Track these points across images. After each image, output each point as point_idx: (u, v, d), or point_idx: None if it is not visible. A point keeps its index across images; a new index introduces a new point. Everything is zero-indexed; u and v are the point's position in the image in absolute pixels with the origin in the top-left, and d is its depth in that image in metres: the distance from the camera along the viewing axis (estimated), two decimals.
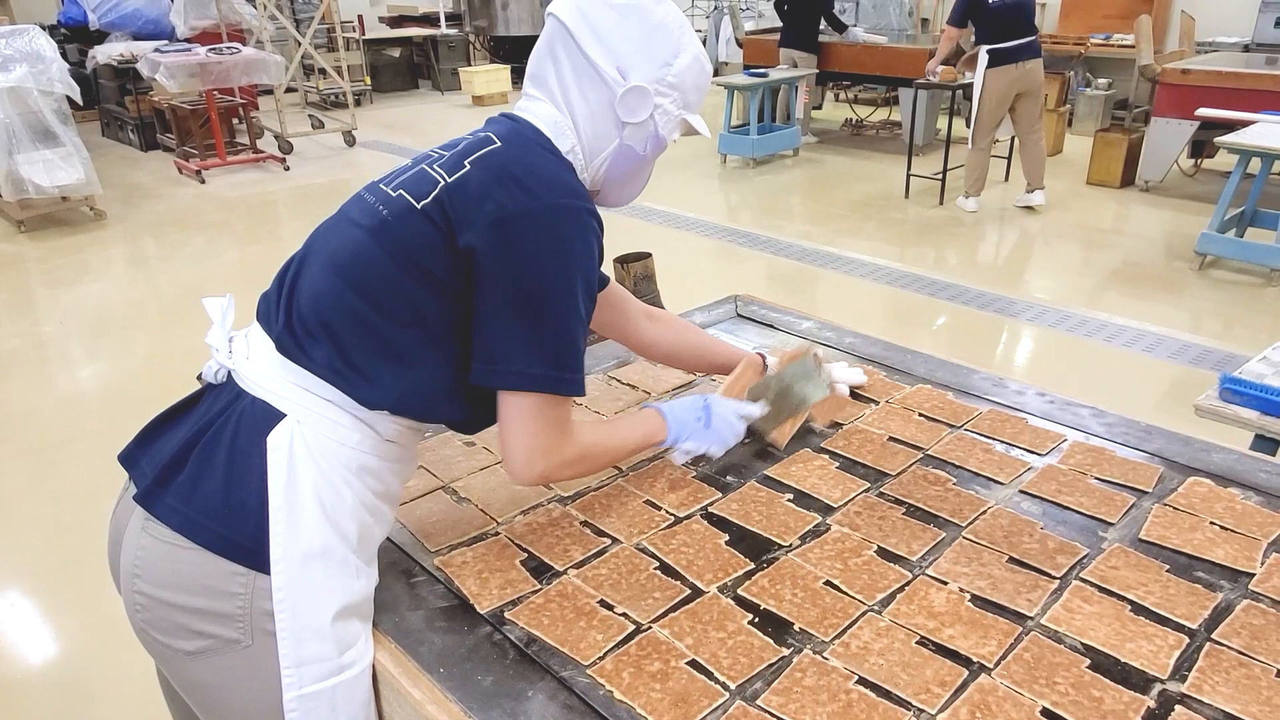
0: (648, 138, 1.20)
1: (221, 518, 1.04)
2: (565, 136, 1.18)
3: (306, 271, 1.14)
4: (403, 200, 1.10)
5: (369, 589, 1.12)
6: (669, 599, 1.16)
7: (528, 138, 1.16)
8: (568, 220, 1.08)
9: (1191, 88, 5.89)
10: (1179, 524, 1.29)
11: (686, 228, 5.90)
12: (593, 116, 1.17)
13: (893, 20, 9.55)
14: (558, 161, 1.15)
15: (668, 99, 1.19)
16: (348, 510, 1.08)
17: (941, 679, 1.02)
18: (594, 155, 1.20)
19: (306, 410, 1.07)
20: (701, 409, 1.37)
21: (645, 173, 1.27)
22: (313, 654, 1.04)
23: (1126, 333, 4.17)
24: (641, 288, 2.24)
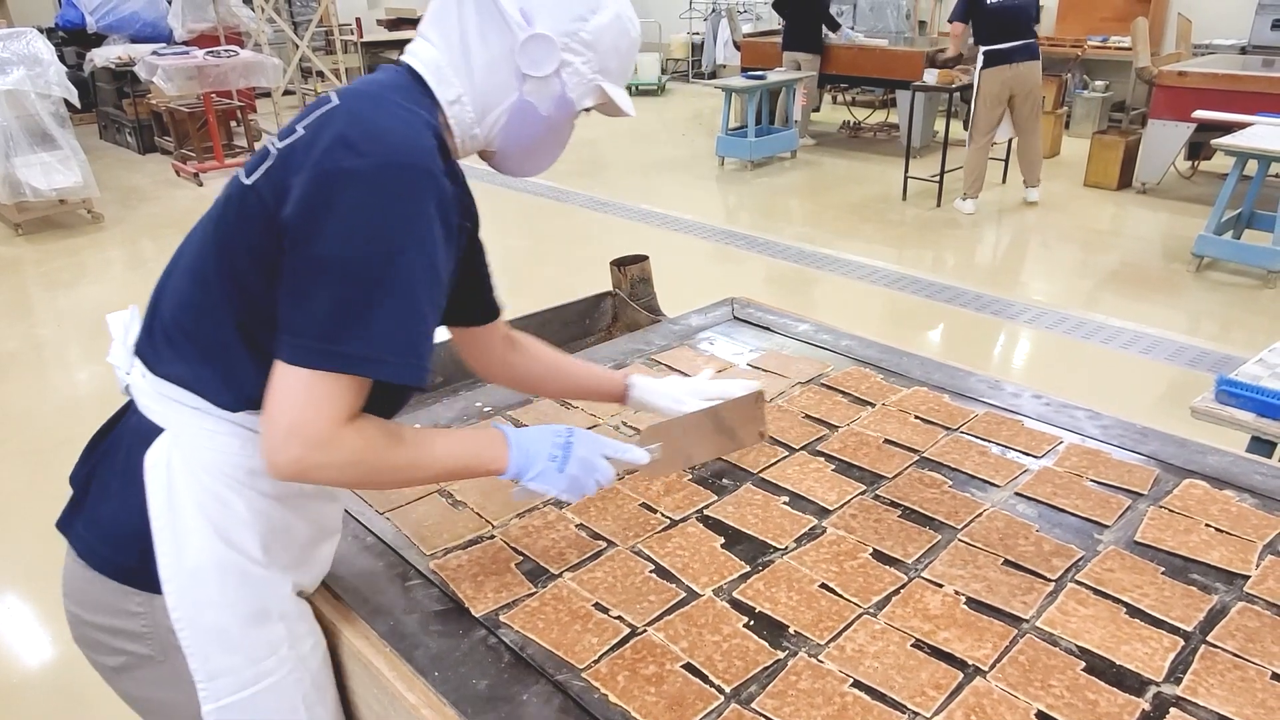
0: (553, 97, 1.08)
1: (112, 542, 1.04)
2: (449, 84, 1.05)
3: (170, 279, 1.08)
4: (236, 180, 1.02)
5: (288, 593, 1.08)
6: (664, 602, 1.15)
7: (373, 90, 1.03)
8: (395, 180, 0.94)
9: (1188, 90, 5.90)
10: (1174, 526, 1.29)
11: (684, 230, 5.91)
12: (491, 64, 1.05)
13: (890, 23, 9.56)
14: (406, 114, 1.00)
15: (580, 58, 1.07)
16: (239, 520, 1.03)
17: (936, 682, 1.02)
18: (488, 109, 1.07)
19: (179, 422, 1.02)
20: (561, 446, 1.14)
21: (555, 140, 1.15)
22: (223, 667, 1.03)
23: (1123, 335, 4.18)
24: (638, 290, 2.24)
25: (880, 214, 6.23)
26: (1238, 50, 7.44)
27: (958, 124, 7.75)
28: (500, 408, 1.69)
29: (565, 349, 2.06)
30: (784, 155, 7.75)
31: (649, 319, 2.14)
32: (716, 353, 1.92)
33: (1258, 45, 7.40)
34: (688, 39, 12.18)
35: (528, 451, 1.12)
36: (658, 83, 11.36)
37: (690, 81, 12.05)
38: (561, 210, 6.46)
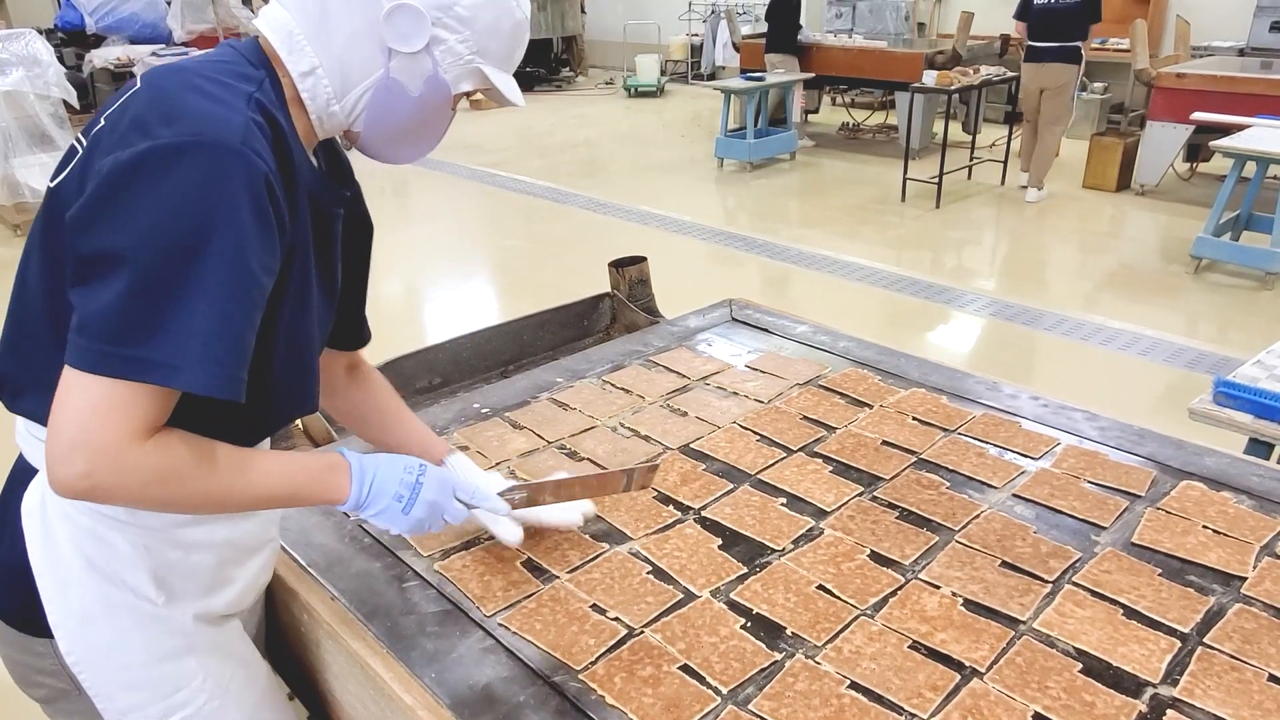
0: (423, 76, 0.98)
1: (4, 588, 1.00)
2: (302, 53, 0.95)
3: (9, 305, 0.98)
4: (47, 187, 0.93)
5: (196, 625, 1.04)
6: (661, 603, 1.15)
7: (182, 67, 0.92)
8: (192, 161, 0.82)
9: (1187, 92, 5.90)
10: (1171, 528, 1.29)
11: (683, 231, 5.90)
12: (353, 35, 0.95)
13: (889, 24, 9.57)
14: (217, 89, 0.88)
15: (454, 35, 0.97)
16: (124, 558, 0.98)
17: (934, 683, 1.02)
18: (349, 85, 0.97)
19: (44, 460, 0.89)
20: (409, 486, 1.05)
21: (427, 126, 1.04)
22: (130, 704, 1.01)
23: (1122, 336, 4.18)
24: (636, 292, 2.24)
25: (879, 216, 6.23)
26: (1236, 52, 7.45)
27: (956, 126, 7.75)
28: (498, 409, 1.69)
29: (564, 350, 2.07)
30: (783, 157, 7.75)
31: (647, 320, 2.14)
32: (715, 354, 1.92)
33: (1256, 47, 7.40)
34: (687, 40, 12.19)
35: (372, 486, 1.04)
36: (657, 84, 11.36)
37: (689, 83, 12.06)
38: (560, 211, 6.46)
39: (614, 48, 13.17)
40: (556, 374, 1.85)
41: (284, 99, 0.96)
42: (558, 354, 2.06)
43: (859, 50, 7.86)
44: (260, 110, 0.90)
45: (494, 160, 7.98)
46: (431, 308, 4.98)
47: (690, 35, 12.20)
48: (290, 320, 0.97)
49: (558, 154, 8.39)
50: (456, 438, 1.58)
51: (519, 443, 1.56)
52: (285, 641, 1.34)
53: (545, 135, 9.22)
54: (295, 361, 1.01)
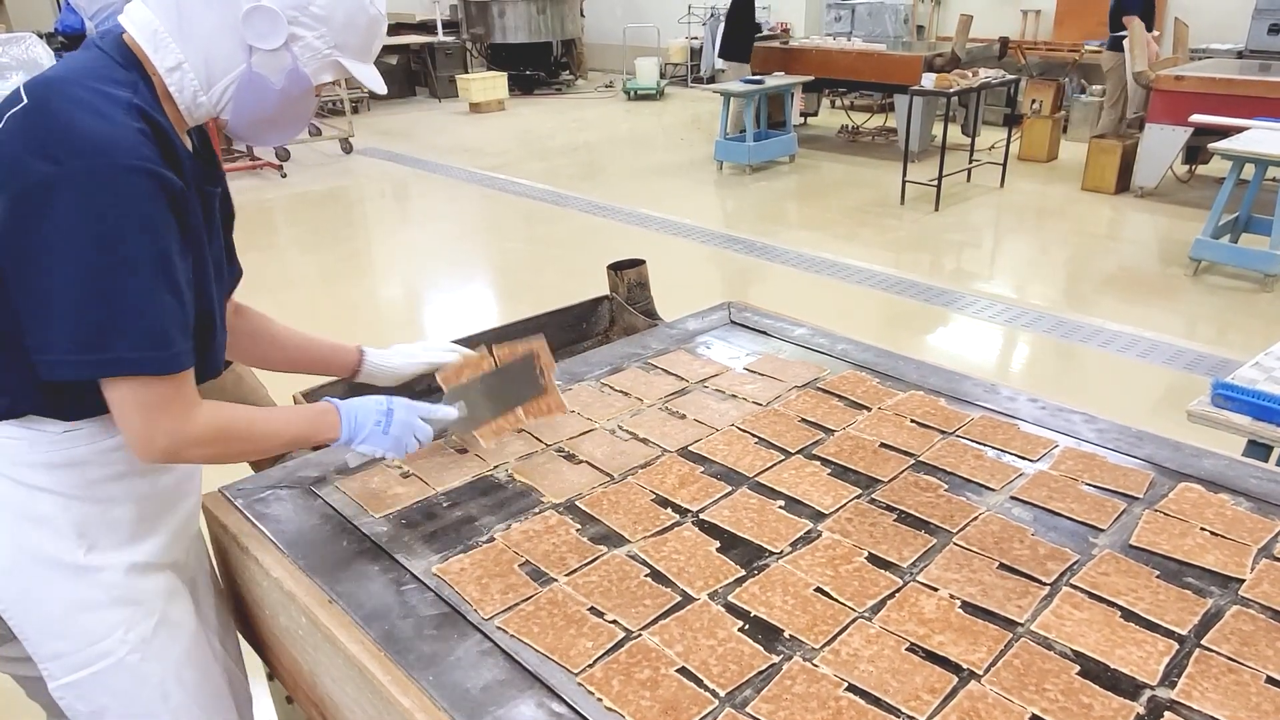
0: (284, 70, 1.06)
1: None
2: (167, 50, 1.02)
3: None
4: None
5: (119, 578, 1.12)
6: (659, 606, 1.15)
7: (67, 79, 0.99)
8: (101, 181, 0.92)
9: (1185, 94, 5.91)
10: (1169, 530, 1.29)
11: (682, 234, 5.91)
12: (213, 33, 1.02)
13: (888, 28, 9.59)
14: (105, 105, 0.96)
15: (312, 33, 1.06)
16: (46, 516, 1.07)
17: (931, 686, 1.02)
18: (214, 78, 1.05)
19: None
20: (383, 412, 1.28)
21: (292, 113, 1.13)
22: (56, 650, 1.10)
23: (1121, 338, 4.18)
24: (635, 294, 2.24)
25: (878, 218, 6.24)
26: (1234, 55, 7.46)
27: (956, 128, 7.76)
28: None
29: (563, 352, 2.07)
30: (782, 159, 7.76)
31: (646, 323, 2.14)
32: (713, 356, 1.92)
33: (1254, 50, 7.42)
34: (686, 44, 12.20)
35: (356, 420, 1.24)
36: (656, 87, 11.37)
37: (688, 86, 12.07)
38: (559, 214, 6.46)
39: (613, 51, 13.19)
40: (555, 376, 1.84)
41: (157, 96, 1.04)
42: (557, 356, 2.05)
43: (858, 53, 7.87)
44: (140, 116, 0.98)
45: (494, 163, 7.99)
46: (431, 310, 4.99)
47: (689, 38, 12.22)
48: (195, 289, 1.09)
49: (557, 157, 8.40)
50: (454, 440, 1.58)
51: (517, 445, 1.56)
52: (283, 645, 1.34)
53: (545, 138, 9.23)
54: (207, 325, 1.13)
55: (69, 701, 1.11)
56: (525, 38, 11.65)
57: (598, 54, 13.51)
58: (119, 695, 1.12)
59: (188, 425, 1.04)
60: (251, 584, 1.36)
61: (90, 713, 1.12)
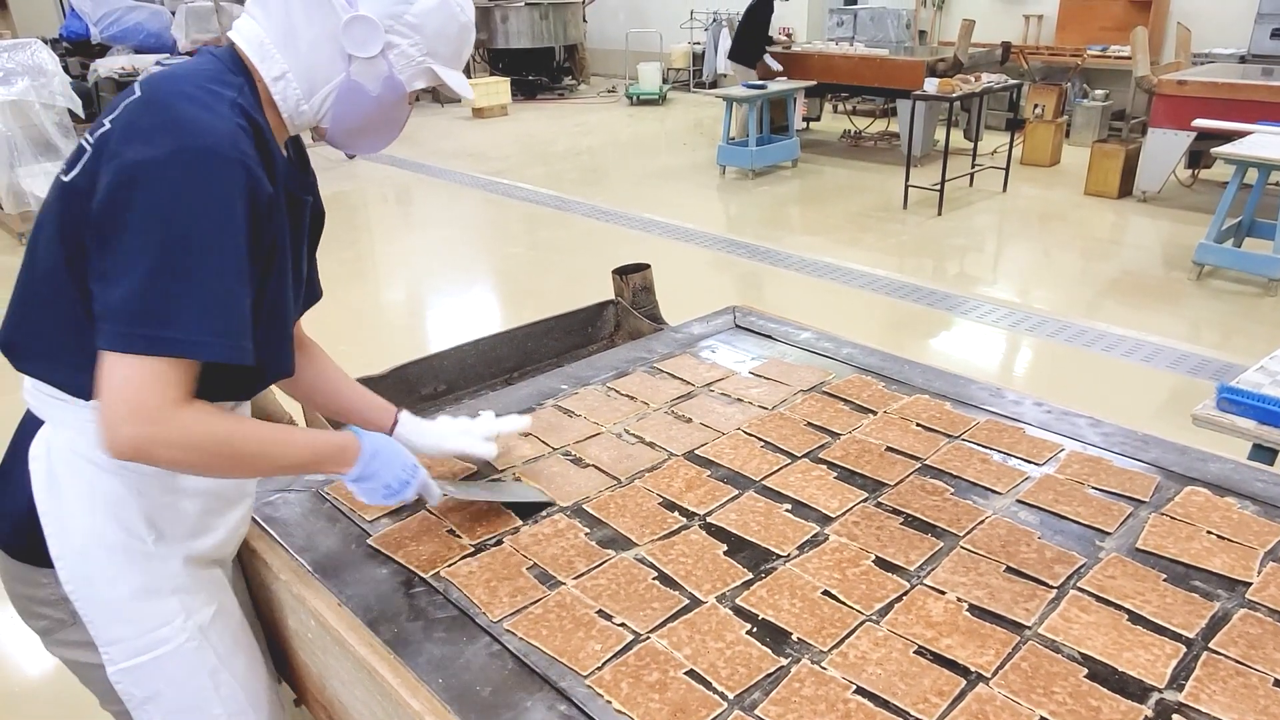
0: (380, 78, 1.10)
1: (13, 526, 1.12)
2: (273, 60, 1.07)
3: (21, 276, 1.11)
4: (58, 180, 1.05)
5: (179, 569, 1.15)
6: (667, 609, 1.16)
7: (179, 76, 1.03)
8: (194, 164, 0.95)
9: (1188, 99, 5.92)
10: (1176, 533, 1.29)
11: (686, 239, 5.92)
12: (315, 43, 1.07)
13: (890, 32, 9.60)
14: (211, 100, 1.00)
15: (406, 40, 1.09)
16: (121, 500, 1.09)
17: (939, 688, 1.02)
18: (315, 86, 1.09)
19: (52, 413, 1.09)
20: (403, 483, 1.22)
21: (388, 120, 1.16)
22: (118, 634, 1.11)
23: (1125, 343, 4.18)
24: (640, 299, 2.24)
25: (881, 223, 6.24)
26: (1237, 59, 7.47)
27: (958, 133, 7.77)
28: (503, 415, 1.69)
29: (568, 357, 2.07)
30: (785, 164, 7.77)
31: (651, 327, 2.15)
32: (719, 360, 1.92)
33: (1257, 54, 7.42)
34: (688, 48, 12.23)
35: (374, 471, 1.20)
36: (659, 92, 11.40)
37: (691, 91, 12.09)
38: (563, 219, 6.47)
39: (616, 56, 13.21)
40: (561, 381, 1.85)
41: (260, 102, 1.08)
42: (562, 361, 2.07)
43: (860, 58, 7.89)
44: (243, 114, 1.02)
45: (497, 168, 8.00)
46: (435, 315, 4.99)
47: (692, 43, 12.24)
48: (273, 294, 1.09)
49: (560, 162, 8.41)
50: None
51: (524, 449, 1.57)
52: (292, 647, 1.34)
53: (548, 143, 9.25)
54: (277, 331, 1.14)
55: (125, 686, 1.13)
56: (528, 43, 11.69)
57: (600, 59, 13.54)
58: (174, 681, 1.15)
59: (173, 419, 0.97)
60: (260, 587, 1.37)
61: (145, 698, 1.15)
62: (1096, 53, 8.53)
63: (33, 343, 1.07)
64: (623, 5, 13.21)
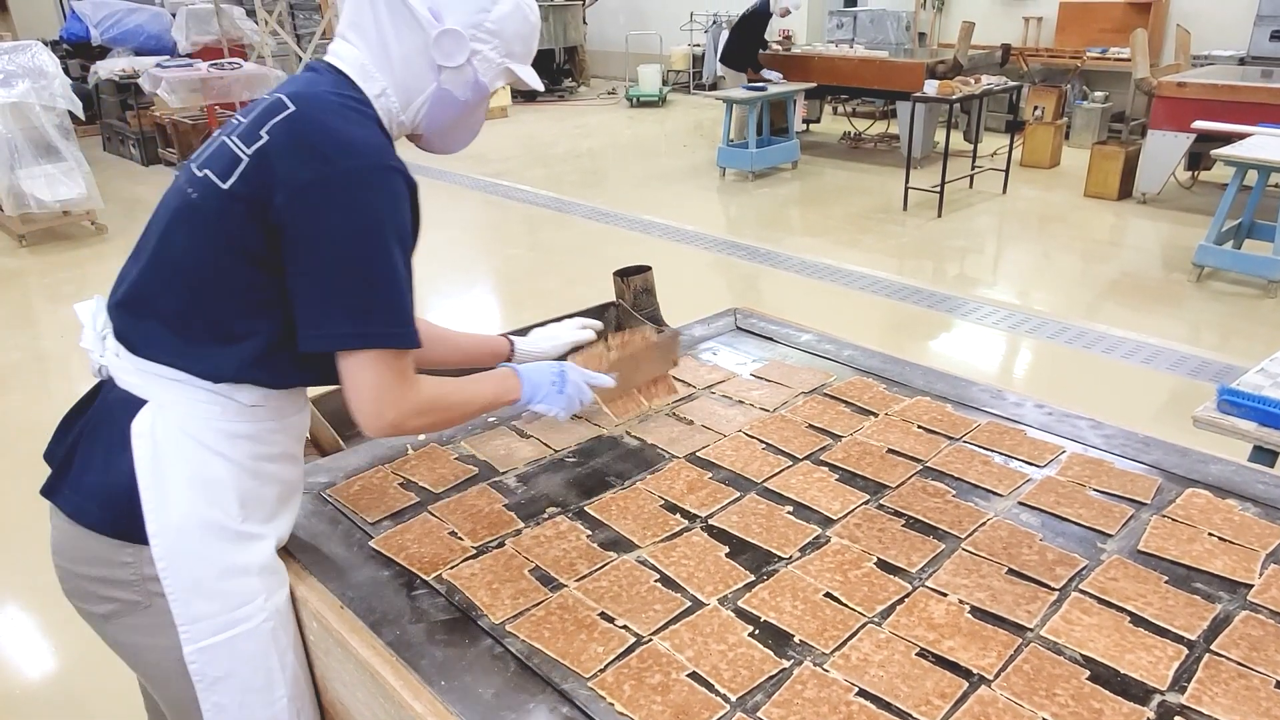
0: (467, 83, 1.20)
1: (102, 502, 1.14)
2: (373, 80, 1.17)
3: (134, 264, 1.18)
4: (208, 181, 1.11)
5: (264, 549, 1.19)
6: (669, 611, 1.16)
7: (323, 93, 1.13)
8: (367, 179, 1.07)
9: (1188, 100, 5.93)
10: (1177, 535, 1.29)
11: (686, 241, 5.92)
12: (407, 59, 1.17)
13: (890, 34, 9.61)
14: (357, 116, 1.13)
15: (487, 45, 1.19)
16: (222, 481, 1.15)
17: (942, 690, 1.02)
18: (410, 98, 1.19)
19: (162, 394, 1.14)
20: (556, 374, 1.40)
21: (473, 119, 1.28)
22: (202, 612, 1.14)
23: (1125, 344, 4.18)
24: (641, 301, 2.24)
25: (881, 224, 6.25)
26: (1236, 61, 7.48)
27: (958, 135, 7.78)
28: (505, 418, 1.70)
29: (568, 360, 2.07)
30: (785, 166, 7.78)
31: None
32: (720, 363, 1.92)
33: (1256, 56, 7.43)
34: (688, 50, 12.24)
35: (535, 383, 1.37)
36: (659, 94, 11.41)
37: (691, 93, 12.10)
38: (564, 221, 6.48)
39: (616, 58, 13.23)
40: None
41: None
42: None
43: (860, 60, 7.89)
44: (379, 126, 1.16)
45: (497, 170, 8.01)
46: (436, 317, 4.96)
47: (692, 45, 12.25)
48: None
49: (561, 164, 8.42)
50: (464, 446, 1.59)
51: (526, 451, 1.57)
52: None
53: (548, 145, 9.26)
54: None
55: (200, 666, 1.15)
56: None
57: (600, 61, 13.55)
58: (247, 661, 1.18)
59: (413, 395, 1.14)
60: None
61: (217, 677, 1.17)
62: (1096, 55, 8.54)
63: (163, 328, 1.13)
64: (623, 7, 13.23)
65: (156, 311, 1.14)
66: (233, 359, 1.13)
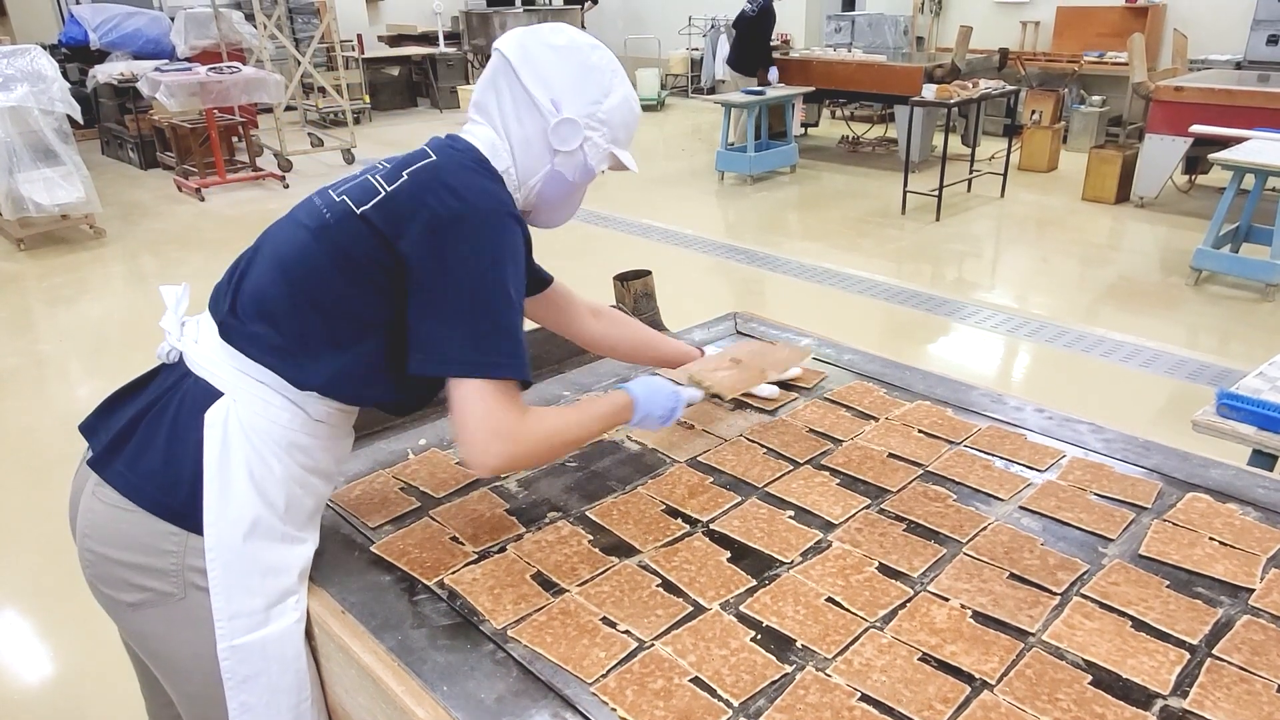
0: (577, 166, 1.30)
1: (160, 484, 1.16)
2: (501, 158, 1.28)
3: (254, 266, 1.24)
4: (344, 205, 1.20)
5: (300, 554, 1.22)
6: (671, 616, 1.16)
7: (462, 153, 1.25)
8: (494, 221, 1.17)
9: (1185, 105, 5.94)
10: (1178, 539, 1.29)
11: (686, 245, 5.93)
12: (528, 142, 1.27)
13: (888, 39, 9.63)
14: (489, 174, 1.25)
15: (597, 133, 1.29)
16: (276, 482, 1.18)
17: (944, 696, 1.02)
18: (527, 177, 1.30)
19: (242, 390, 1.17)
20: (670, 409, 1.47)
21: (576, 198, 1.38)
22: (242, 608, 1.16)
23: (1124, 348, 4.19)
24: (641, 305, 2.24)
25: (880, 228, 6.26)
26: (1233, 65, 7.50)
27: (956, 138, 7.79)
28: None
29: (569, 363, 2.07)
30: (783, 170, 7.79)
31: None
32: None
33: (1253, 60, 7.46)
34: (686, 55, 12.26)
35: (648, 411, 1.43)
36: (657, 98, 11.42)
37: (689, 97, 12.12)
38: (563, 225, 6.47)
39: None
40: (563, 387, 1.86)
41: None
42: (563, 367, 2.06)
43: (858, 64, 7.91)
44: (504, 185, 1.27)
45: None
46: None
47: (690, 49, 12.27)
48: None
49: None
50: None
51: None
52: None
53: None
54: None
55: (232, 664, 1.16)
56: None
57: None
58: (278, 660, 1.19)
59: (522, 429, 1.17)
60: None
61: (247, 675, 1.18)
62: (1093, 59, 8.56)
63: (264, 327, 1.18)
64: (621, 11, 13.25)
65: (266, 313, 1.19)
66: (323, 371, 1.19)
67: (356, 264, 1.16)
